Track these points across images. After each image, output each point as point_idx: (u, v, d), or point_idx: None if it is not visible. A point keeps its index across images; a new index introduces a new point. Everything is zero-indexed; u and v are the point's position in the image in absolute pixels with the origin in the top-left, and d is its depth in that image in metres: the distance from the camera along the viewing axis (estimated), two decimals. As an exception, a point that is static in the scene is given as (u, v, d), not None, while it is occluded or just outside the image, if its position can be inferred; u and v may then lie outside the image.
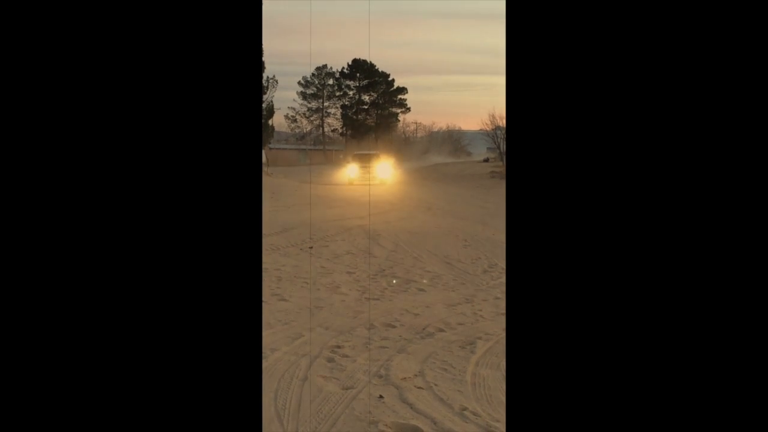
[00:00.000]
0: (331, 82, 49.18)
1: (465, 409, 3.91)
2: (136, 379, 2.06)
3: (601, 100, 2.06)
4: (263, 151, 23.95)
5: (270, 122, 35.23)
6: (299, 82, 49.44)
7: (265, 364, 4.58)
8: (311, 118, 49.47)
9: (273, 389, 4.13)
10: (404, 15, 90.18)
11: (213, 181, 2.13)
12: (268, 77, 34.39)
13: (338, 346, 5.07)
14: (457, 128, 59.51)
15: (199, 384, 2.09)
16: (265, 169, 21.43)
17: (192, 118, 2.13)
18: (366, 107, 48.90)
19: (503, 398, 3.94)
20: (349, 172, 28.91)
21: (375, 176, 28.07)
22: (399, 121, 50.43)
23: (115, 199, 2.07)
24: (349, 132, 46.57)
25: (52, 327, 2.03)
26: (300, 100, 49.55)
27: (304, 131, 49.50)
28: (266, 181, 21.12)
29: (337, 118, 48.80)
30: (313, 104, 49.38)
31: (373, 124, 48.35)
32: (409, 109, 50.36)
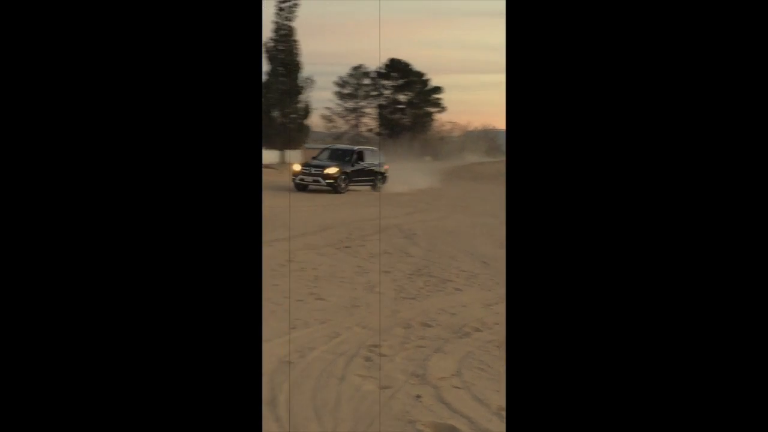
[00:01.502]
0: (367, 81, 49.31)
1: (502, 408, 3.89)
2: (136, 379, 2.06)
3: (600, 100, 2.06)
4: (300, 151, 23.79)
5: (306, 122, 35.43)
6: (335, 82, 49.70)
7: (302, 362, 4.62)
8: (347, 118, 49.66)
9: (311, 388, 4.16)
10: (440, 14, 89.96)
11: (213, 181, 2.13)
12: (305, 77, 34.62)
13: (375, 345, 5.09)
14: (492, 127, 59.18)
15: (200, 384, 2.08)
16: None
17: (192, 118, 2.12)
18: (402, 107, 48.93)
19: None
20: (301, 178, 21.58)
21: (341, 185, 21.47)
22: (434, 120, 50.38)
23: (115, 200, 2.07)
24: (385, 131, 46.63)
25: (51, 327, 2.03)
26: (336, 100, 49.79)
27: (340, 131, 49.72)
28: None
29: (373, 118, 48.92)
30: (349, 104, 49.56)
31: (408, 123, 48.35)
32: (444, 109, 50.27)
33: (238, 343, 2.12)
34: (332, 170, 21.56)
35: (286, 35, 33.81)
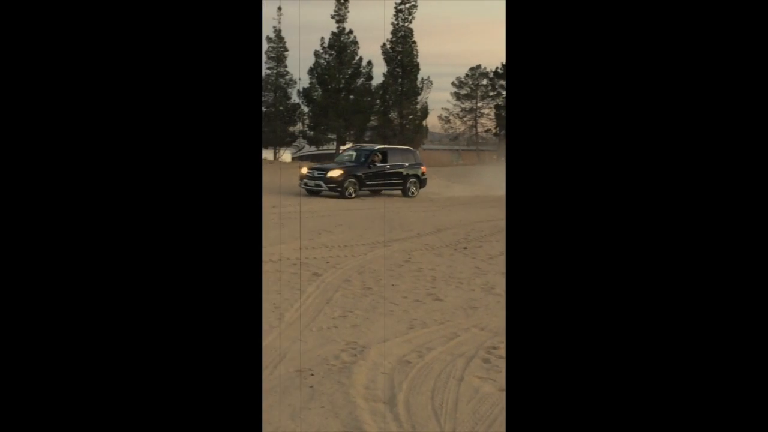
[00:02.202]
0: (484, 82, 48.83)
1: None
2: (136, 379, 2.05)
3: (600, 100, 2.06)
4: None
5: (424, 123, 35.53)
6: (453, 83, 49.53)
7: (420, 362, 4.63)
8: (464, 119, 49.39)
9: (430, 388, 4.16)
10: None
11: (213, 181, 2.12)
12: (422, 78, 34.72)
13: (494, 347, 5.02)
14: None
15: (200, 384, 2.08)
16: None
17: (192, 119, 2.12)
18: (520, 106, 48.10)
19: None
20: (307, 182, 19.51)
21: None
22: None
23: (116, 200, 2.07)
24: (503, 132, 46.05)
25: (52, 327, 2.02)
26: (453, 101, 49.62)
27: (458, 132, 49.54)
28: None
29: (490, 119, 48.33)
30: (467, 104, 49.27)
31: (527, 123, 47.42)
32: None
33: (238, 343, 2.11)
34: (335, 173, 19.04)
35: (404, 37, 34.06)
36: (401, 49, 34.12)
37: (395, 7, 34.05)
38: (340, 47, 32.70)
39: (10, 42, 2.02)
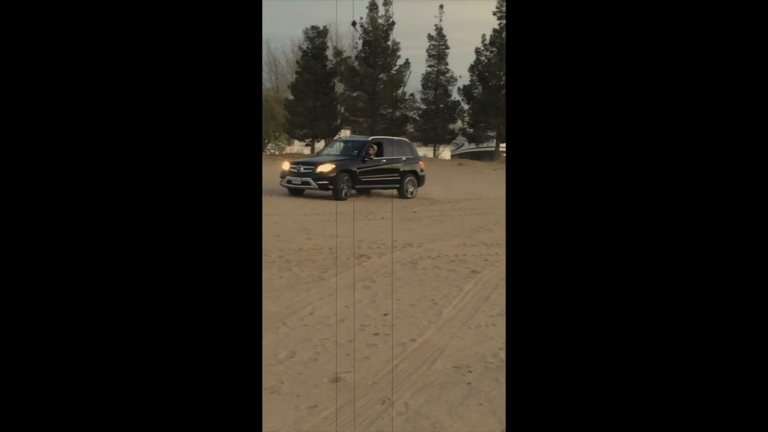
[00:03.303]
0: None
1: None
2: (136, 379, 2.04)
3: (600, 100, 2.06)
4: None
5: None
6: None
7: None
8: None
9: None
10: None
11: (213, 180, 2.09)
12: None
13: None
14: None
15: (200, 384, 2.05)
16: None
17: (193, 119, 2.10)
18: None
19: None
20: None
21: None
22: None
23: (116, 200, 2.06)
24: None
25: (52, 327, 2.02)
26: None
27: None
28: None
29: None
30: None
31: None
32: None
33: (239, 343, 2.08)
34: (326, 168, 15.28)
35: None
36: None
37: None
38: (502, 44, 32.34)
39: (10, 42, 2.03)
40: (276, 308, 5.75)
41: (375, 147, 16.43)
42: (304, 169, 15.39)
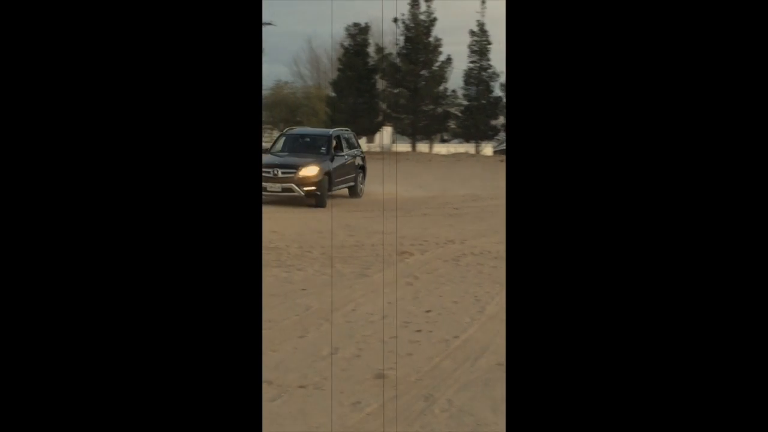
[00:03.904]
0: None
1: None
2: (136, 380, 2.03)
3: (600, 100, 2.06)
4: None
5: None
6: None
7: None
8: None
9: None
10: None
11: (213, 180, 2.08)
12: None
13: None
14: None
15: (200, 384, 2.04)
16: None
17: (193, 119, 2.09)
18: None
19: None
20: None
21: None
22: None
23: (116, 200, 2.05)
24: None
25: (52, 328, 2.01)
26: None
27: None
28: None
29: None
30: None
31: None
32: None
33: (239, 343, 2.07)
34: (311, 171, 13.00)
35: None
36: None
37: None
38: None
39: (10, 42, 2.03)
40: (319, 305, 5.79)
41: (335, 141, 14.21)
42: (283, 173, 12.89)
